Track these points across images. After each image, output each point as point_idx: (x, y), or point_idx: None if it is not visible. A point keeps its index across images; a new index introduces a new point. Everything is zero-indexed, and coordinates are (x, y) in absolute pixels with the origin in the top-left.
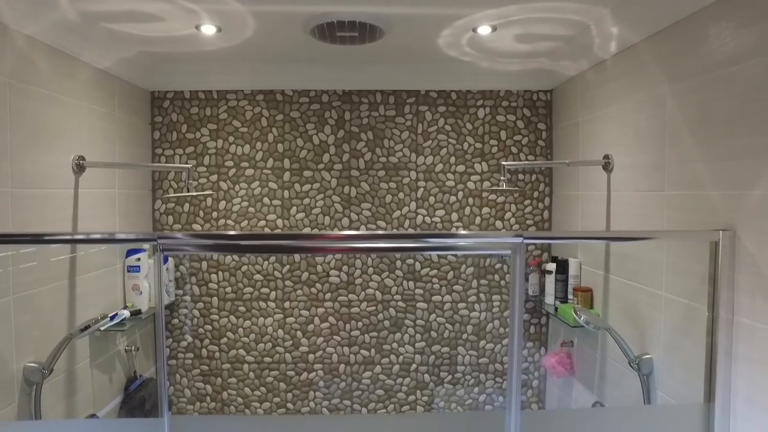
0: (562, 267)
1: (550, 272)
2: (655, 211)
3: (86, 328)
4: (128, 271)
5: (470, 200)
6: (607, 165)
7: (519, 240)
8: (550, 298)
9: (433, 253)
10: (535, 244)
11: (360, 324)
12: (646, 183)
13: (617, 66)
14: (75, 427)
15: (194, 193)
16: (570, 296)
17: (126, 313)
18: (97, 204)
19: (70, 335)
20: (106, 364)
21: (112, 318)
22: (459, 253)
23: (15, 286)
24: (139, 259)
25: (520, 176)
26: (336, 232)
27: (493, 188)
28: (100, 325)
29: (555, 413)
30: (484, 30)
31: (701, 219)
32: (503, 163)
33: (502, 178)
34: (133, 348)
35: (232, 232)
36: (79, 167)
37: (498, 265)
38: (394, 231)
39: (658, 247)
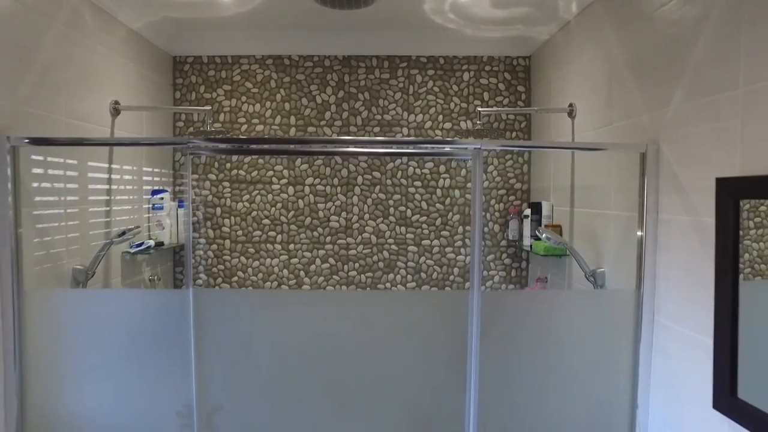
0: (537, 209)
1: (527, 217)
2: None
3: (122, 234)
4: (153, 209)
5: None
6: (570, 112)
7: (478, 146)
8: (527, 240)
9: (422, 200)
10: (491, 150)
11: (357, 265)
12: (599, 121)
13: (579, 25)
14: (112, 294)
15: (213, 130)
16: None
17: (151, 242)
18: (127, 148)
19: (110, 241)
20: (133, 287)
21: (139, 245)
22: (427, 157)
23: (65, 202)
24: (162, 198)
25: (502, 133)
26: (334, 137)
27: (468, 130)
28: (134, 232)
29: (510, 293)
30: None
31: (638, 141)
32: (479, 109)
33: (478, 121)
34: (155, 278)
35: (252, 137)
36: (116, 110)
37: (482, 213)
38: (377, 138)
39: (608, 174)
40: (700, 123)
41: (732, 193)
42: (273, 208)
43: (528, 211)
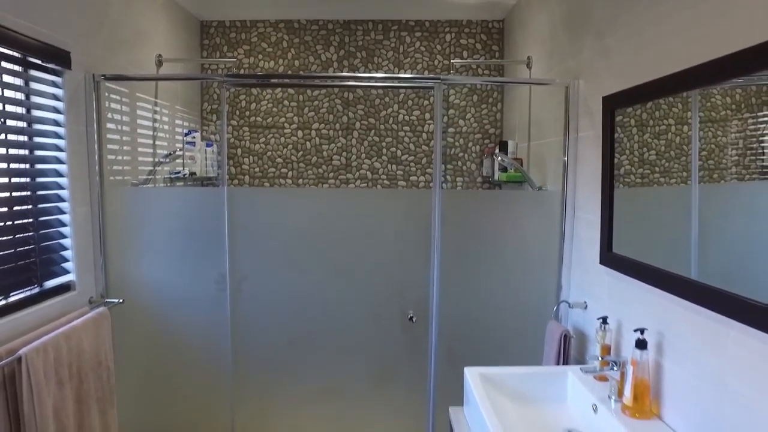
0: (504, 147)
1: (497, 155)
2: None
3: (169, 155)
4: (186, 145)
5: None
6: (528, 63)
7: (438, 80)
8: (497, 175)
9: (410, 143)
10: (450, 83)
11: None
12: (545, 68)
13: None
14: (168, 191)
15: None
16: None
17: (186, 171)
18: (166, 94)
19: (159, 161)
20: None
21: (176, 173)
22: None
23: (122, 131)
24: (194, 137)
25: (479, 86)
26: (335, 73)
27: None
28: (177, 155)
29: (464, 192)
30: None
31: (565, 78)
32: (453, 61)
33: (452, 71)
34: None
35: (270, 73)
36: (159, 62)
37: (460, 153)
38: (372, 74)
39: (550, 110)
40: (599, 60)
41: (609, 105)
42: (285, 149)
43: (497, 150)
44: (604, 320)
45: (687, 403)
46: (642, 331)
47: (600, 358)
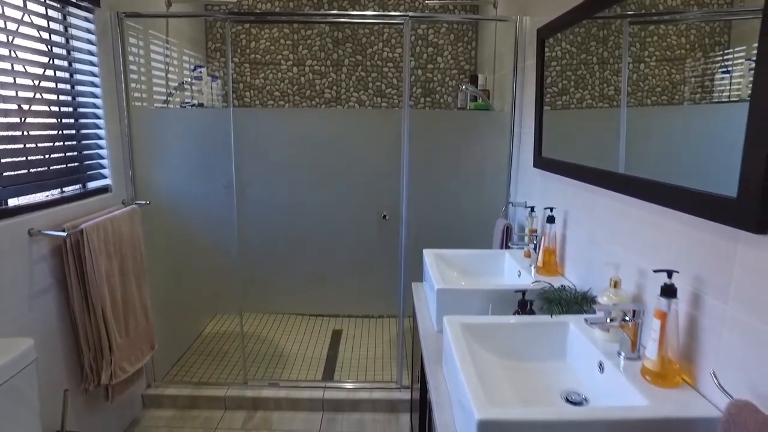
0: (474, 80)
1: (464, 85)
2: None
3: (181, 84)
4: (194, 79)
5: (420, 41)
6: (495, 3)
7: (407, 17)
8: (470, 104)
9: (394, 77)
10: (420, 18)
11: None
12: (506, 8)
13: None
14: (184, 110)
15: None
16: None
17: (195, 102)
18: (175, 33)
19: (171, 92)
20: None
21: (186, 102)
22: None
23: (139, 63)
24: (200, 72)
25: (455, 26)
26: (324, 11)
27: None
28: (186, 84)
29: (429, 111)
30: None
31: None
32: (427, 1)
33: (427, 10)
34: None
35: (268, 11)
36: (169, 2)
37: (438, 87)
38: (343, 12)
39: (509, 46)
40: (540, 1)
41: (540, 35)
42: (282, 84)
43: (469, 82)
44: (532, 209)
45: (576, 260)
46: (551, 209)
47: (527, 236)
